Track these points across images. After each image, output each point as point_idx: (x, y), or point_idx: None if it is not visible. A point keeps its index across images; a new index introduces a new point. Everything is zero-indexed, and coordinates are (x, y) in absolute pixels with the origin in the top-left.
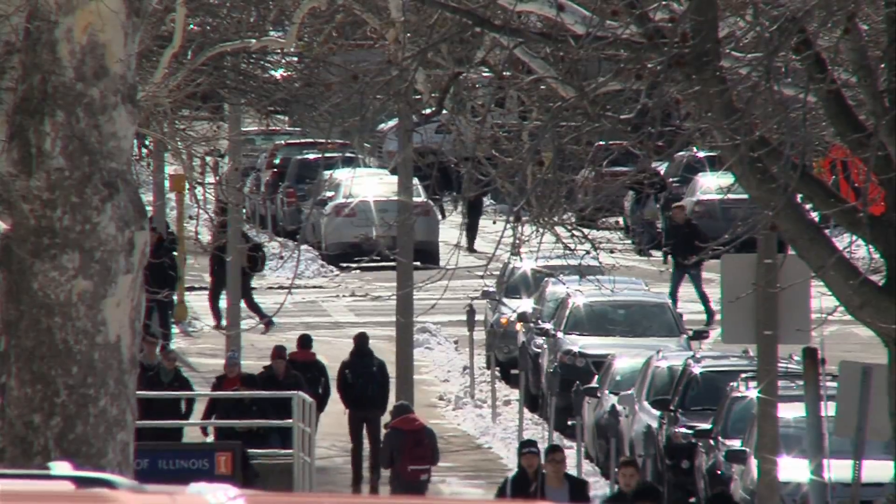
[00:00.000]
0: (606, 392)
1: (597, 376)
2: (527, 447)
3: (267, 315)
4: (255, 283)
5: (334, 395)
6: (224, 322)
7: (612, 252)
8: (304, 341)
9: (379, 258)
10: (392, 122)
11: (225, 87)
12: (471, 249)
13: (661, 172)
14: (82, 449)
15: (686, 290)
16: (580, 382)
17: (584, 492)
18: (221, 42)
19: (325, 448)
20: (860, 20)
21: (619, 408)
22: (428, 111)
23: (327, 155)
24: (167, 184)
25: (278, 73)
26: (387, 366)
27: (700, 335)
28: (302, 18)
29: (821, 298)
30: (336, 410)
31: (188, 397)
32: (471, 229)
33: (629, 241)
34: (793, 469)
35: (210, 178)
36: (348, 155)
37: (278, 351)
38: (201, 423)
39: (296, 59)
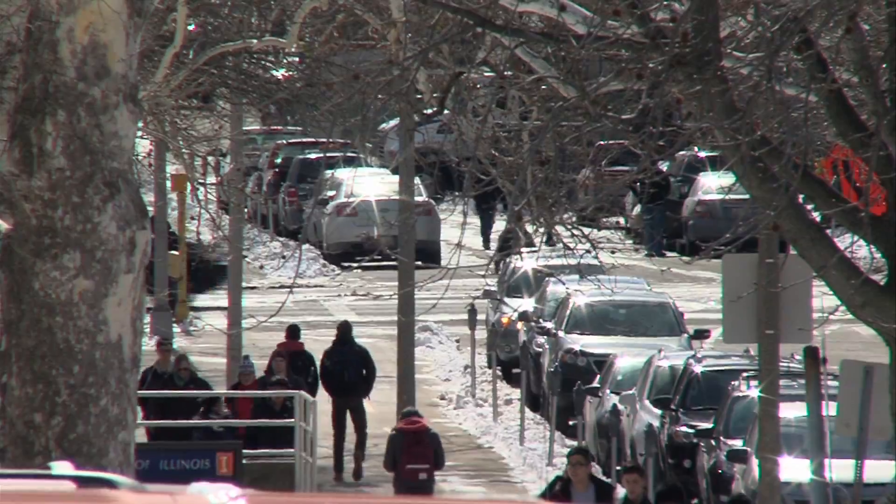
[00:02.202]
0: (608, 391)
1: (598, 376)
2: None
3: None
4: (256, 282)
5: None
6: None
7: (612, 252)
8: (293, 331)
9: (380, 258)
10: (393, 122)
11: (226, 87)
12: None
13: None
14: (83, 448)
15: (685, 290)
16: (581, 382)
17: (611, 495)
18: (223, 42)
19: (326, 448)
20: (861, 20)
21: (620, 407)
22: (429, 111)
23: (329, 154)
24: (168, 183)
25: (280, 73)
26: (370, 355)
27: (701, 335)
28: (303, 18)
29: (822, 298)
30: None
31: (203, 397)
32: (484, 229)
33: (630, 241)
34: (794, 469)
35: (212, 178)
36: (350, 154)
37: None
38: (204, 422)
39: (297, 59)
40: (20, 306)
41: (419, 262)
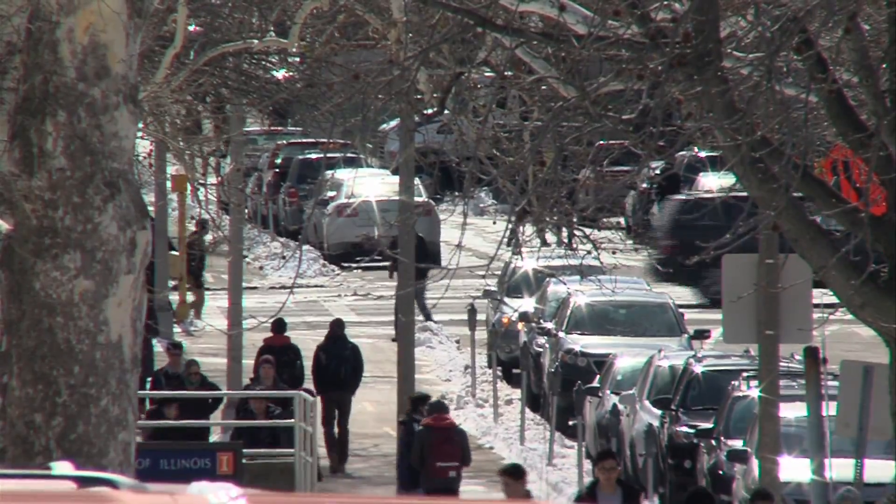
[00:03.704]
0: (608, 391)
1: (598, 376)
2: (603, 460)
3: None
4: (256, 283)
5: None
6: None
7: (613, 252)
8: (279, 325)
9: (380, 258)
10: (394, 122)
11: (227, 88)
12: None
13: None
14: (84, 449)
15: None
16: (581, 382)
17: (637, 499)
18: (223, 42)
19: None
20: (861, 20)
21: (620, 407)
22: (430, 111)
23: (329, 155)
24: (169, 184)
25: (280, 74)
26: (360, 350)
27: (701, 335)
28: (304, 19)
29: (822, 298)
30: None
31: (210, 397)
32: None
33: (630, 241)
34: (794, 469)
35: (212, 179)
36: (350, 155)
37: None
38: (204, 423)
39: (298, 59)
40: (21, 306)
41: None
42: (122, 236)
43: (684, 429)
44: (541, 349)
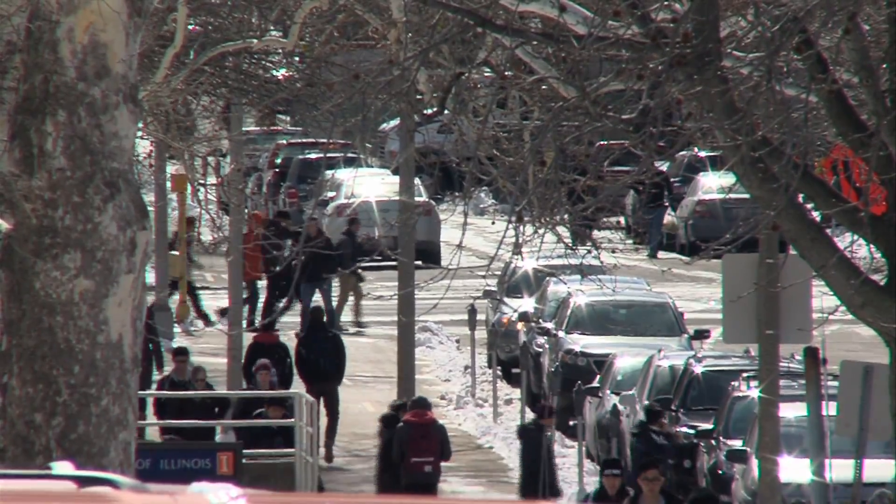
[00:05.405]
0: (608, 391)
1: (598, 376)
2: (609, 468)
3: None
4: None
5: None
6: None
7: (613, 252)
8: (267, 323)
9: (381, 258)
10: (394, 123)
11: (226, 87)
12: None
13: (664, 171)
14: (84, 448)
15: (685, 290)
16: (581, 382)
17: None
18: (223, 42)
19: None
20: (862, 20)
21: (620, 407)
22: (430, 111)
23: (329, 155)
24: (169, 184)
25: (280, 73)
26: (342, 340)
27: (701, 335)
28: (303, 18)
29: (822, 298)
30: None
31: (215, 399)
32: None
33: (630, 241)
34: (794, 469)
35: (212, 179)
36: (350, 155)
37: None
38: (207, 423)
39: (297, 58)
40: (21, 306)
41: (419, 263)
42: (122, 236)
43: (684, 429)
44: (540, 349)
